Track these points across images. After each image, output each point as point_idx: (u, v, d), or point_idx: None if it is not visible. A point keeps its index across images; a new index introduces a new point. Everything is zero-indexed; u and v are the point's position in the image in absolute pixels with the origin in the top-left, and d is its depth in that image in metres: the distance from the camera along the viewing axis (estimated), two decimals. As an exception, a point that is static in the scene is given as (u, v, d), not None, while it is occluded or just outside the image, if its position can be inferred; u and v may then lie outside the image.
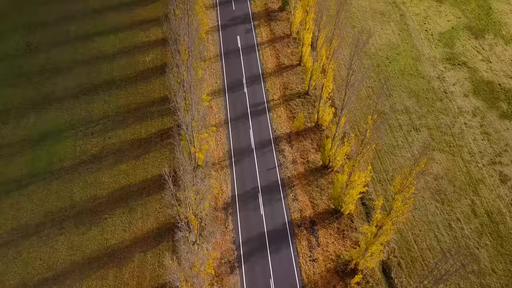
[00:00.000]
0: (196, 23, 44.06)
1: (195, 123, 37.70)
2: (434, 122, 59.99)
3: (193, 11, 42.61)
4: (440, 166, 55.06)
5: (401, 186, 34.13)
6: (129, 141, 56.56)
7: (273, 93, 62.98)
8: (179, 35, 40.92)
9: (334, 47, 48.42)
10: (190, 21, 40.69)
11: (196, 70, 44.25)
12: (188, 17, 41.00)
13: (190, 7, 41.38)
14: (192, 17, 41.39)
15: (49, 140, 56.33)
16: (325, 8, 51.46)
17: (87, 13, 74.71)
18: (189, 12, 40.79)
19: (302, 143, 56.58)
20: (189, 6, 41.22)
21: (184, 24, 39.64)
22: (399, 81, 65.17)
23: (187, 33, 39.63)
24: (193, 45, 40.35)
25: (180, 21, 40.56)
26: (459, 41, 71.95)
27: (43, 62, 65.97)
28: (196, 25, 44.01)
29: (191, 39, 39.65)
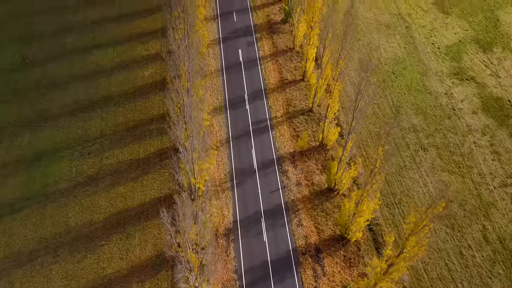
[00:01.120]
0: (196, 42, 42.17)
1: (195, 154, 35.86)
2: (443, 141, 58.03)
3: (193, 31, 40.73)
4: (450, 188, 53.05)
5: (415, 227, 32.10)
6: (127, 162, 54.61)
7: (276, 110, 61.04)
8: (179, 59, 39.01)
9: (341, 68, 46.45)
10: (190, 42, 38.77)
11: (197, 92, 42.33)
12: (188, 38, 39.09)
13: (190, 27, 39.46)
14: (192, 37, 39.47)
15: (44, 160, 54.38)
16: (330, 25, 49.52)
17: (86, 24, 72.83)
18: (189, 33, 38.87)
19: (306, 163, 54.63)
20: (190, 27, 39.30)
21: (184, 47, 37.72)
22: (405, 97, 63.24)
23: (187, 58, 37.73)
24: (193, 70, 38.41)
25: (179, 44, 38.66)
26: (466, 54, 70.04)
27: (39, 76, 64.05)
28: (197, 45, 42.13)
29: (191, 64, 37.76)
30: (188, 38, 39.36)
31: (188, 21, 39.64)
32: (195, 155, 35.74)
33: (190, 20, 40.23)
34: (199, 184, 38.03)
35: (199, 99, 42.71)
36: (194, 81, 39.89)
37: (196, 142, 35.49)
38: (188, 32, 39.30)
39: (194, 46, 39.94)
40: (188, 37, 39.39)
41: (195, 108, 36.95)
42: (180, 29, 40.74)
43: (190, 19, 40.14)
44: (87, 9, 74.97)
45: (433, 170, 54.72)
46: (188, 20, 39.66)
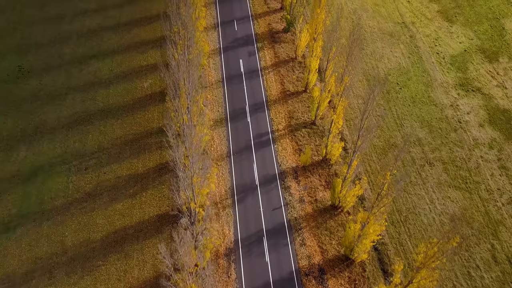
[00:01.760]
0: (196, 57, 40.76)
1: (196, 179, 34.50)
2: (449, 155, 56.64)
3: (193, 46, 39.34)
4: (457, 205, 51.68)
5: (425, 259, 30.67)
6: (125, 177, 53.19)
7: (277, 123, 59.64)
8: (178, 80, 37.65)
9: (346, 84, 45.05)
10: (191, 60, 37.36)
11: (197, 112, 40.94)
12: (188, 53, 37.69)
13: (190, 42, 38.06)
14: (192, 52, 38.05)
15: (40, 176, 52.94)
16: (335, 38, 48.13)
17: (83, 33, 71.41)
18: (190, 49, 37.47)
19: (309, 179, 53.23)
20: (190, 41, 37.90)
21: (184, 66, 36.31)
22: (410, 110, 61.85)
23: (188, 76, 36.31)
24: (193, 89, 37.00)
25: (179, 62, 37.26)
26: (472, 65, 68.67)
27: (35, 88, 62.63)
28: (197, 62, 40.74)
29: (191, 86, 36.36)
30: (189, 54, 37.96)
31: (188, 36, 38.27)
32: (195, 179, 34.42)
33: (190, 35, 38.86)
34: (199, 209, 36.69)
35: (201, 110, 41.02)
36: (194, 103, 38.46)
37: (196, 167, 34.13)
38: (188, 48, 37.90)
39: (194, 64, 38.51)
40: (188, 53, 37.99)
41: (195, 134, 35.48)
42: (180, 44, 39.37)
43: (190, 34, 38.76)
44: (84, 18, 73.55)
45: (439, 186, 53.32)
46: (188, 35, 38.29)
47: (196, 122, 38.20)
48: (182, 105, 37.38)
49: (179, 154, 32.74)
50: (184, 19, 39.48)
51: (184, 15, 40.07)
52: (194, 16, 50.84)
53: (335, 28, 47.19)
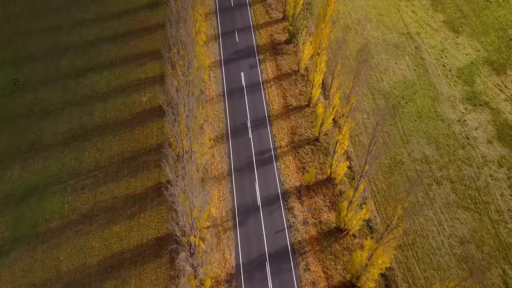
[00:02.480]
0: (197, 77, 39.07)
1: (195, 213, 32.80)
2: (457, 173, 54.88)
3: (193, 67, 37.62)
4: (466, 227, 49.91)
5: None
6: (123, 197, 51.43)
7: (280, 139, 57.89)
8: (177, 105, 35.95)
9: (352, 105, 43.30)
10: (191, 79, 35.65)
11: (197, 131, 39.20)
12: (188, 75, 35.98)
13: (190, 64, 36.33)
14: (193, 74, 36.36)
15: (34, 196, 51.19)
16: (340, 56, 46.40)
17: (81, 45, 69.68)
18: (189, 70, 35.77)
19: (313, 199, 51.47)
20: (190, 63, 36.18)
21: (184, 93, 34.60)
22: (416, 125, 60.08)
23: (188, 102, 34.60)
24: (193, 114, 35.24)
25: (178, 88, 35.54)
26: (479, 77, 66.94)
27: (31, 102, 60.91)
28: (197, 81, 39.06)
29: (191, 112, 34.62)
30: (188, 75, 36.23)
31: (187, 58, 36.56)
32: (195, 214, 32.71)
33: (190, 56, 37.15)
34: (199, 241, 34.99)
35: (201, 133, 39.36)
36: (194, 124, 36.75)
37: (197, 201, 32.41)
38: (188, 69, 36.19)
39: (195, 84, 36.80)
40: (188, 74, 36.27)
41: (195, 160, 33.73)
42: (179, 65, 37.71)
43: (189, 55, 37.05)
44: (82, 29, 71.87)
45: (448, 207, 51.56)
46: (187, 56, 36.57)
47: (196, 149, 36.49)
48: (182, 130, 35.69)
49: (178, 189, 31.04)
50: (184, 40, 37.77)
51: (184, 35, 38.38)
52: (194, 30, 49.18)
53: (340, 46, 45.45)
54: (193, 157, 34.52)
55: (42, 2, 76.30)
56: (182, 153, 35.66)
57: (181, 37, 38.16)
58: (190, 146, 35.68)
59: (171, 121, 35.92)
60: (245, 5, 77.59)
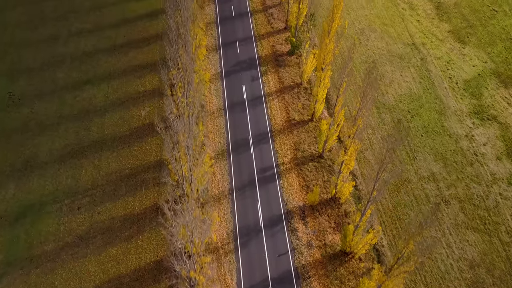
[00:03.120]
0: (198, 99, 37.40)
1: (195, 249, 31.09)
2: (465, 192, 53.19)
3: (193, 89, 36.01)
4: (475, 249, 48.20)
5: None
6: (121, 218, 49.71)
7: (283, 155, 56.19)
8: (177, 133, 34.27)
9: (358, 127, 41.59)
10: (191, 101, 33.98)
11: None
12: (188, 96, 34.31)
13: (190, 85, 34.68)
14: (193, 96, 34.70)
15: (29, 217, 49.46)
16: (346, 74, 44.70)
17: (78, 56, 68.00)
18: (189, 91, 34.11)
19: (317, 220, 49.75)
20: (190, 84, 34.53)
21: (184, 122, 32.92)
22: (423, 141, 58.38)
23: (187, 131, 32.94)
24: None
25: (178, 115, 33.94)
26: (487, 90, 65.27)
27: (26, 117, 59.19)
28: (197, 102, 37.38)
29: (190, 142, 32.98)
30: (189, 97, 34.61)
31: (187, 79, 34.93)
32: (195, 250, 31.04)
33: (190, 78, 35.51)
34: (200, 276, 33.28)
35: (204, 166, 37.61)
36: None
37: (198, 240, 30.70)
38: (188, 91, 34.57)
39: (195, 105, 35.15)
40: (189, 96, 34.64)
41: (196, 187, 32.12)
42: (179, 87, 36.11)
43: (189, 77, 35.42)
44: (79, 39, 70.21)
45: (456, 228, 49.87)
46: (187, 78, 34.94)
47: (196, 175, 34.81)
48: (181, 158, 34.05)
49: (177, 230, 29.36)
50: (184, 62, 36.12)
51: (183, 56, 36.76)
52: (194, 45, 47.51)
53: (346, 63, 43.77)
54: (192, 185, 32.89)
55: (40, 11, 74.71)
56: (182, 180, 34.02)
57: (180, 58, 36.53)
58: (190, 174, 34.04)
59: (170, 149, 34.26)
60: (246, 15, 75.98)
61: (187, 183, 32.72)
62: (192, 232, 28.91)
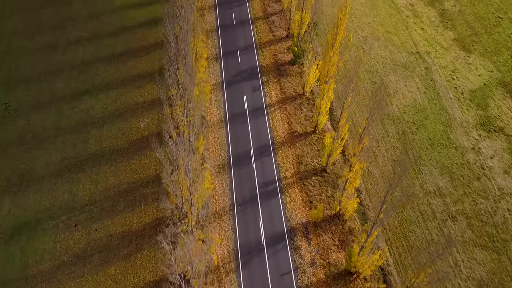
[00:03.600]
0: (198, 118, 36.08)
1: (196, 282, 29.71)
2: (473, 207, 51.85)
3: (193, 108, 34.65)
4: (484, 268, 46.83)
5: None
6: (119, 235, 48.37)
7: (285, 169, 54.85)
8: (176, 157, 32.98)
9: (364, 145, 40.25)
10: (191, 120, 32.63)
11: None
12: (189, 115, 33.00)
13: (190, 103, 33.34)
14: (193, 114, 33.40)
15: (25, 234, 48.11)
16: (351, 89, 43.36)
17: (76, 65, 66.68)
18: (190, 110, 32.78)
19: (321, 237, 48.40)
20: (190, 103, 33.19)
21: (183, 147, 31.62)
22: (428, 154, 57.03)
23: (187, 154, 31.63)
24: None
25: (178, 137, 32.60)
26: (493, 101, 63.94)
27: (22, 129, 57.83)
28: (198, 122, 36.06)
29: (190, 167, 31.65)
30: (189, 115, 33.31)
31: (188, 98, 33.61)
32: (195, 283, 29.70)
33: (190, 97, 34.20)
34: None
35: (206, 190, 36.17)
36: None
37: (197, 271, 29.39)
38: (188, 109, 33.29)
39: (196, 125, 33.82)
40: (189, 114, 33.34)
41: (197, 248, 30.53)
42: (179, 105, 34.82)
43: (189, 96, 34.10)
44: (78, 48, 68.91)
45: (464, 245, 48.51)
46: (188, 97, 33.62)
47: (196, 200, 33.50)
48: (181, 182, 32.74)
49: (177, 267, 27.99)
50: (184, 80, 34.80)
51: (183, 74, 35.43)
52: (194, 58, 46.22)
53: (351, 79, 42.42)
54: (193, 209, 31.60)
55: (37, 19, 73.42)
56: (181, 204, 32.74)
57: (180, 76, 35.22)
58: (190, 198, 32.74)
59: (169, 173, 32.96)
60: (247, 22, 74.69)
61: (186, 206, 31.42)
62: (191, 264, 27.57)
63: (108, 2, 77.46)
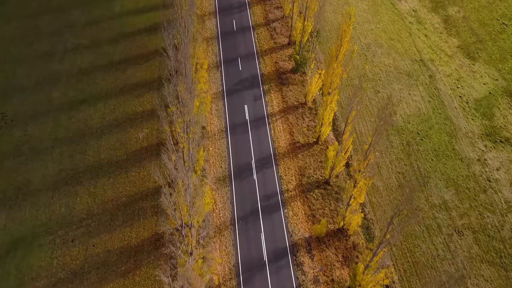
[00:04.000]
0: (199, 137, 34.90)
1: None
2: (479, 222, 50.69)
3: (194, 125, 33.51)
4: (491, 285, 45.67)
5: None
6: (117, 250, 47.18)
7: (287, 181, 53.69)
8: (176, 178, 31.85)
9: (370, 162, 39.06)
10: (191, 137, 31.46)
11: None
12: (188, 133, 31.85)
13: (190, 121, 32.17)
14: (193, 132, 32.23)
15: (20, 250, 46.91)
16: (356, 103, 42.19)
17: (74, 73, 65.49)
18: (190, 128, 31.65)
19: (324, 253, 47.23)
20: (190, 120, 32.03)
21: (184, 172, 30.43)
22: (433, 165, 55.87)
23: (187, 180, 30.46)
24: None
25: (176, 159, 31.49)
26: (498, 110, 62.79)
27: (19, 140, 56.61)
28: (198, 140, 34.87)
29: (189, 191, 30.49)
30: (189, 133, 32.17)
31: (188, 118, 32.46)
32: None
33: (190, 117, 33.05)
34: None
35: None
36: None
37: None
38: (188, 127, 32.15)
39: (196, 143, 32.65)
40: (189, 132, 32.20)
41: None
42: (179, 122, 33.71)
43: (189, 115, 32.94)
44: (76, 56, 67.73)
45: (470, 261, 47.35)
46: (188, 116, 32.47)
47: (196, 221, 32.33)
48: (181, 206, 31.60)
49: None
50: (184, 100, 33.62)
51: (183, 92, 34.25)
52: (194, 68, 45.00)
53: (356, 92, 41.25)
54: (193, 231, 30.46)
55: (35, 26, 72.20)
56: (181, 225, 31.61)
57: (180, 93, 34.06)
58: (190, 221, 31.59)
59: (168, 196, 31.81)
60: (248, 29, 73.54)
61: (187, 230, 30.28)
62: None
63: (108, 8, 76.32)
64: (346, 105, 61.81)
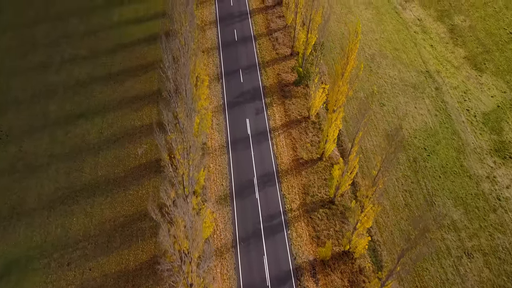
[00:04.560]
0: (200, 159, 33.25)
1: None
2: (489, 243, 48.98)
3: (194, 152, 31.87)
4: (503, 312, 44.01)
5: None
6: (114, 275, 45.49)
7: (291, 200, 51.99)
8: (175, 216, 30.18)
9: (379, 188, 37.36)
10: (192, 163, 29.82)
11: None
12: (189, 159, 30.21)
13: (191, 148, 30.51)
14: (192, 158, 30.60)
15: (14, 274, 45.24)
16: (362, 123, 40.45)
17: (71, 85, 63.83)
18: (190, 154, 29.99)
19: (329, 277, 45.55)
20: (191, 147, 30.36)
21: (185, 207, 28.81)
22: (441, 183, 54.17)
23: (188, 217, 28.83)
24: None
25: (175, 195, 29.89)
26: (507, 124, 61.08)
27: (14, 157, 54.95)
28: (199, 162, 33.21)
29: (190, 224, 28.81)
30: (189, 159, 30.53)
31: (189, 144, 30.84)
32: None
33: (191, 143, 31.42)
34: None
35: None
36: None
37: None
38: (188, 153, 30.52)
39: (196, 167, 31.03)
40: (189, 158, 30.55)
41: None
42: (178, 149, 32.08)
43: (190, 142, 31.30)
44: (73, 67, 66.04)
45: (481, 286, 45.63)
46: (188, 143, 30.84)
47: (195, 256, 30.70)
48: (181, 242, 29.96)
49: None
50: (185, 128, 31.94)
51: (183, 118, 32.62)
52: (194, 84, 43.29)
53: (362, 112, 39.50)
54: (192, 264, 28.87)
55: (31, 36, 70.55)
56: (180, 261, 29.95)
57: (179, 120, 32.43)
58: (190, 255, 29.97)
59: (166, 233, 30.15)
60: (250, 39, 71.83)
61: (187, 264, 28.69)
62: None
63: (106, 17, 74.66)
64: (350, 118, 60.20)
